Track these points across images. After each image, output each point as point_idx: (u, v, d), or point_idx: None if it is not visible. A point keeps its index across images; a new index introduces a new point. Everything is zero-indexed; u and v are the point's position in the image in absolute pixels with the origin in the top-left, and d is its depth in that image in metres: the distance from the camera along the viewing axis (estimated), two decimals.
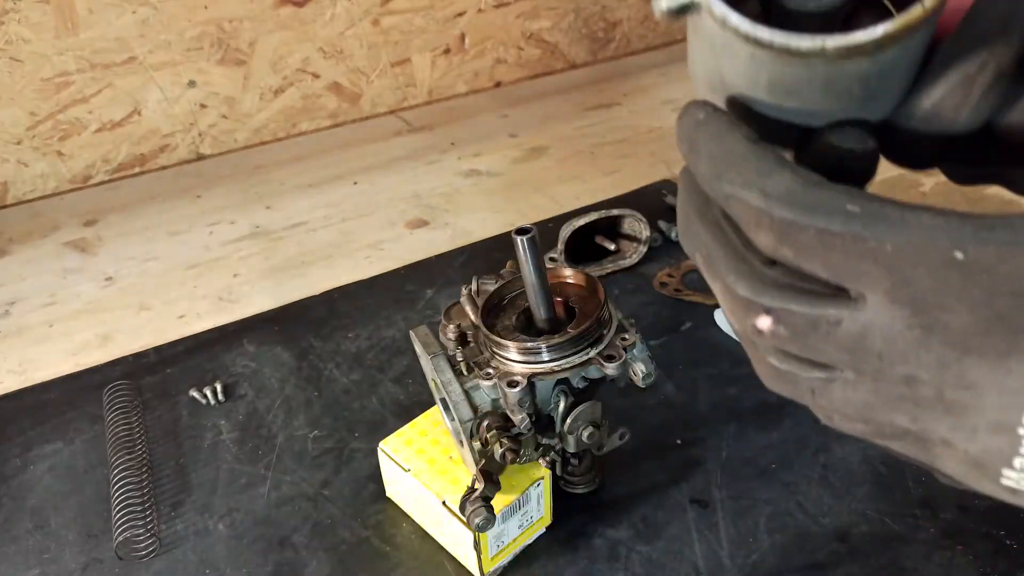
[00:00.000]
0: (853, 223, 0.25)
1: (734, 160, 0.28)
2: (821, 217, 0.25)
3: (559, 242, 0.96)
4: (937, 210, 0.25)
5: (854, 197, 0.26)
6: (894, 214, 0.25)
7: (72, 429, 0.79)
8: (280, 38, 1.31)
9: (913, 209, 0.25)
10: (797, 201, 0.26)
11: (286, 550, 0.66)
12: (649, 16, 1.65)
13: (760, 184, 0.27)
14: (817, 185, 0.26)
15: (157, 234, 1.14)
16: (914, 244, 0.24)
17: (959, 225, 0.24)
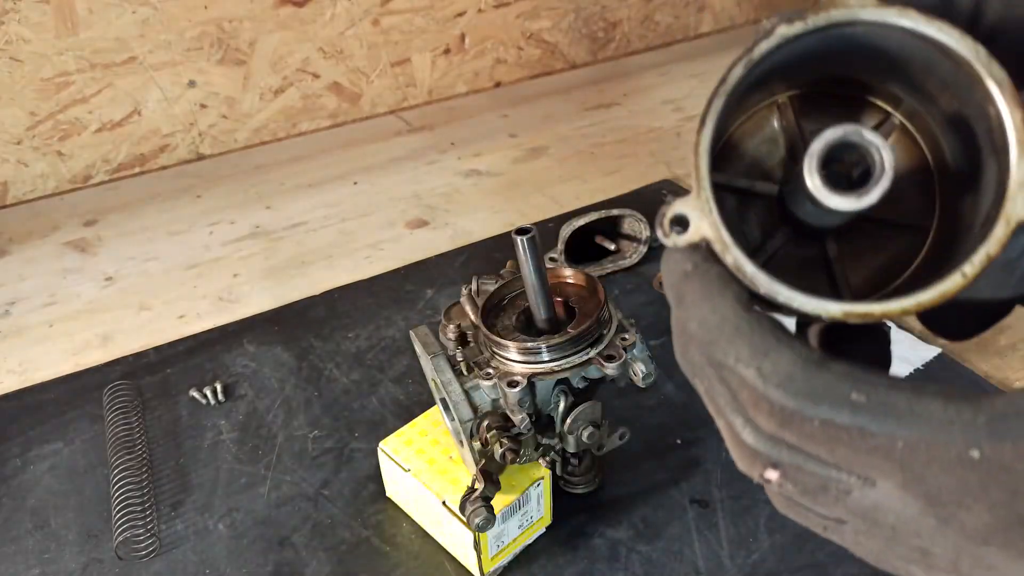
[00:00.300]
0: (860, 415, 0.23)
1: (726, 330, 0.26)
2: (825, 408, 0.23)
3: (559, 242, 0.96)
4: (948, 395, 0.23)
5: (859, 383, 0.24)
6: (903, 405, 0.23)
7: (72, 429, 0.79)
8: (280, 38, 1.31)
9: (921, 396, 0.23)
10: (798, 388, 0.24)
11: (286, 550, 0.66)
12: (649, 16, 1.65)
13: (756, 363, 0.25)
14: (818, 367, 0.24)
15: (157, 234, 1.14)
16: (926, 441, 0.23)
17: (972, 417, 0.22)
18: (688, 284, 0.27)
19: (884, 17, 0.26)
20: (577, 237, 0.97)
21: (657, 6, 1.64)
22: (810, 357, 0.24)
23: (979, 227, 0.27)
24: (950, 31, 0.26)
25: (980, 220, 0.28)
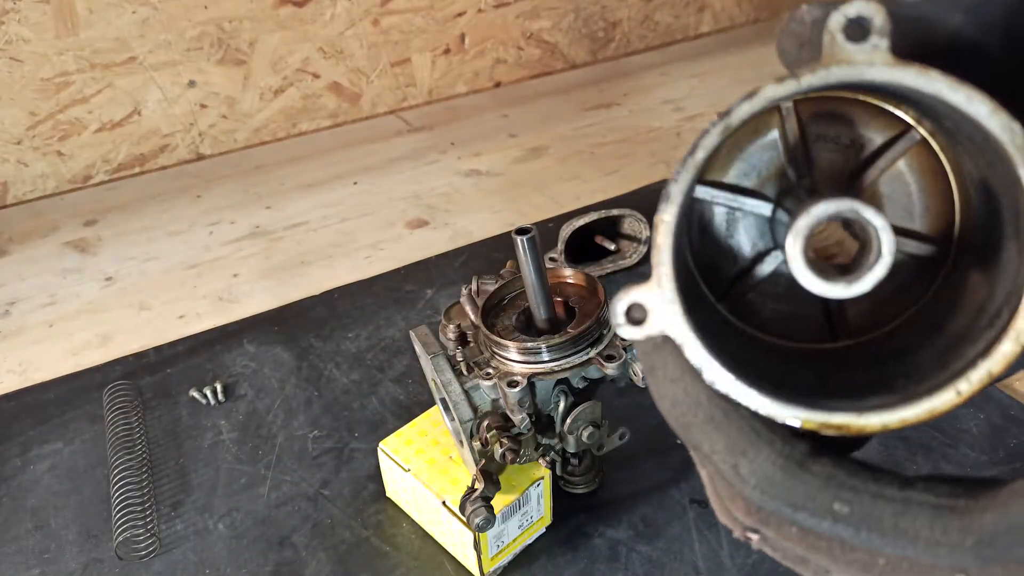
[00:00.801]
0: (841, 527, 0.22)
1: (700, 417, 0.24)
2: (805, 516, 0.22)
3: (559, 242, 0.96)
4: (935, 509, 0.21)
5: (843, 491, 0.22)
6: (888, 520, 0.22)
7: (72, 429, 0.79)
8: (280, 38, 1.31)
9: (908, 510, 0.22)
10: (777, 493, 0.23)
11: (286, 550, 0.66)
12: (649, 16, 1.65)
13: (732, 461, 0.23)
14: (799, 469, 0.23)
15: (157, 234, 1.14)
16: (910, 561, 0.22)
17: (960, 538, 0.21)
18: (659, 355, 0.25)
19: (899, 79, 0.21)
20: (577, 237, 0.97)
21: (657, 6, 1.64)
22: (791, 457, 0.23)
23: (987, 323, 0.23)
24: (981, 102, 0.21)
25: (991, 310, 0.24)
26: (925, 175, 0.28)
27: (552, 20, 1.54)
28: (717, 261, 0.30)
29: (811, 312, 0.29)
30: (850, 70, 0.22)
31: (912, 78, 0.21)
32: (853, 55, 0.22)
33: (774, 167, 0.29)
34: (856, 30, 0.21)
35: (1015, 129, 0.21)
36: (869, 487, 0.22)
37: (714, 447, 0.24)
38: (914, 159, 0.28)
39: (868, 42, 0.21)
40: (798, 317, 0.29)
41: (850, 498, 0.22)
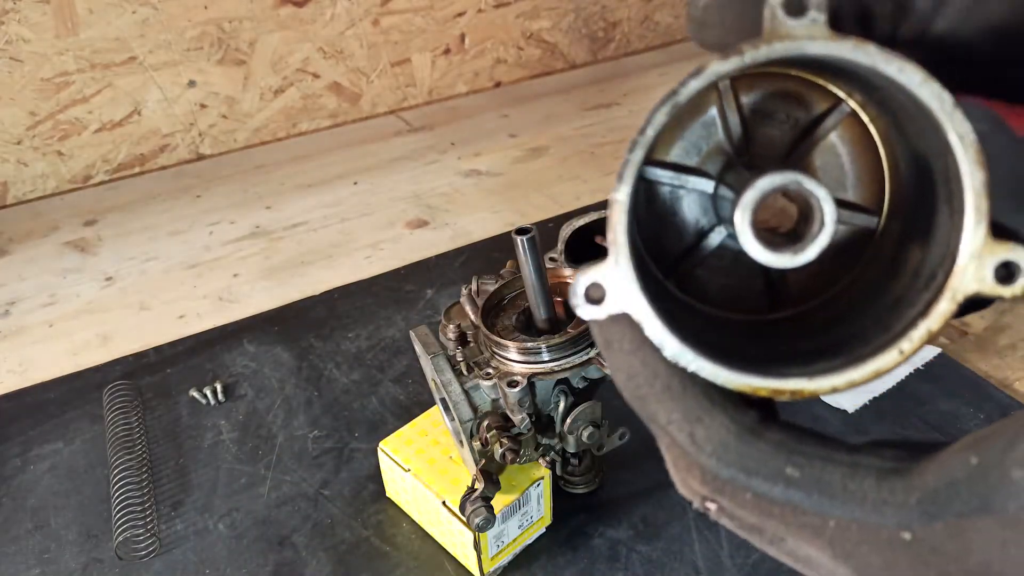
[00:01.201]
0: (793, 491, 0.23)
1: (657, 388, 0.24)
2: (758, 481, 0.23)
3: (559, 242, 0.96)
4: (883, 471, 0.22)
5: (794, 455, 0.23)
6: (837, 482, 0.22)
7: (72, 429, 0.79)
8: (280, 38, 1.31)
9: (856, 473, 0.22)
10: (731, 459, 0.23)
11: (286, 550, 0.66)
12: (649, 16, 1.65)
13: (688, 429, 0.24)
14: (753, 436, 0.23)
15: (157, 234, 1.14)
16: (858, 522, 0.22)
17: (904, 497, 0.22)
18: (615, 329, 0.25)
19: (837, 51, 0.22)
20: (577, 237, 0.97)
21: (657, 6, 1.64)
22: (744, 424, 0.24)
23: (923, 284, 0.24)
24: (913, 72, 0.22)
25: (926, 272, 0.25)
26: (856, 146, 0.29)
27: (552, 20, 1.54)
28: (663, 239, 0.30)
29: (754, 284, 0.30)
30: (792, 44, 0.22)
31: (849, 51, 0.22)
32: (793, 30, 0.22)
33: (714, 144, 0.29)
34: (795, 5, 0.22)
35: (944, 97, 0.22)
36: (819, 451, 0.23)
37: (671, 416, 0.24)
38: (845, 131, 0.29)
39: (807, 17, 0.22)
40: (743, 289, 0.30)
41: (801, 462, 0.23)
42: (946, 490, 0.21)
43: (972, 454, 0.22)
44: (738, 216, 0.23)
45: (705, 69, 0.23)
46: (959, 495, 0.21)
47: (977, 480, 0.21)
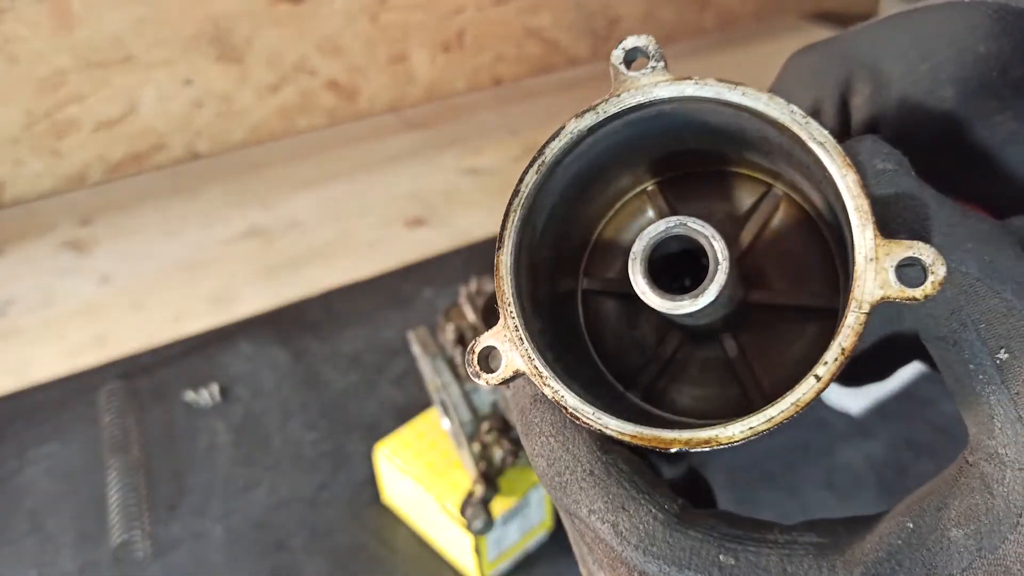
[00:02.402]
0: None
1: (579, 474, 0.23)
2: (691, 574, 0.22)
3: None
4: (818, 548, 0.21)
5: (727, 541, 0.22)
6: (776, 566, 0.21)
7: (68, 431, 0.79)
8: (277, 35, 1.30)
9: (794, 553, 0.21)
10: (659, 551, 0.22)
11: (283, 554, 0.65)
12: (651, 13, 1.64)
13: (612, 519, 0.22)
14: (682, 524, 0.22)
15: (153, 234, 1.13)
16: None
17: (846, 574, 0.21)
18: (536, 411, 0.24)
19: (681, 91, 0.23)
20: None
21: (659, 3, 1.63)
22: (672, 511, 0.22)
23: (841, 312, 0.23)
24: (756, 96, 0.22)
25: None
26: (799, 229, 0.28)
27: (553, 17, 1.53)
28: (623, 353, 0.29)
29: (723, 390, 0.28)
30: (640, 94, 0.23)
31: (692, 89, 0.23)
32: (638, 80, 0.24)
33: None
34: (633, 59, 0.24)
35: (794, 110, 0.22)
36: (752, 535, 0.22)
37: (593, 505, 0.23)
38: (786, 217, 0.28)
39: (647, 67, 0.23)
40: (716, 399, 0.29)
41: (735, 548, 0.22)
42: (888, 560, 0.21)
43: (907, 519, 0.21)
44: (632, 271, 0.23)
45: (564, 128, 0.24)
46: (902, 565, 0.21)
47: (916, 546, 0.21)
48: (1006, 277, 0.20)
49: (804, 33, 1.71)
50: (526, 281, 0.25)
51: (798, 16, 1.82)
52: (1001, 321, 0.19)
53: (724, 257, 0.22)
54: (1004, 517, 0.20)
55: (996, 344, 0.20)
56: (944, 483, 0.22)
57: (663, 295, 0.23)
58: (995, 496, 0.20)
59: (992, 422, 0.20)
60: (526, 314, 0.24)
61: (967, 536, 0.20)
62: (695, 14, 1.70)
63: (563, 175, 0.26)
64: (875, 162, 0.21)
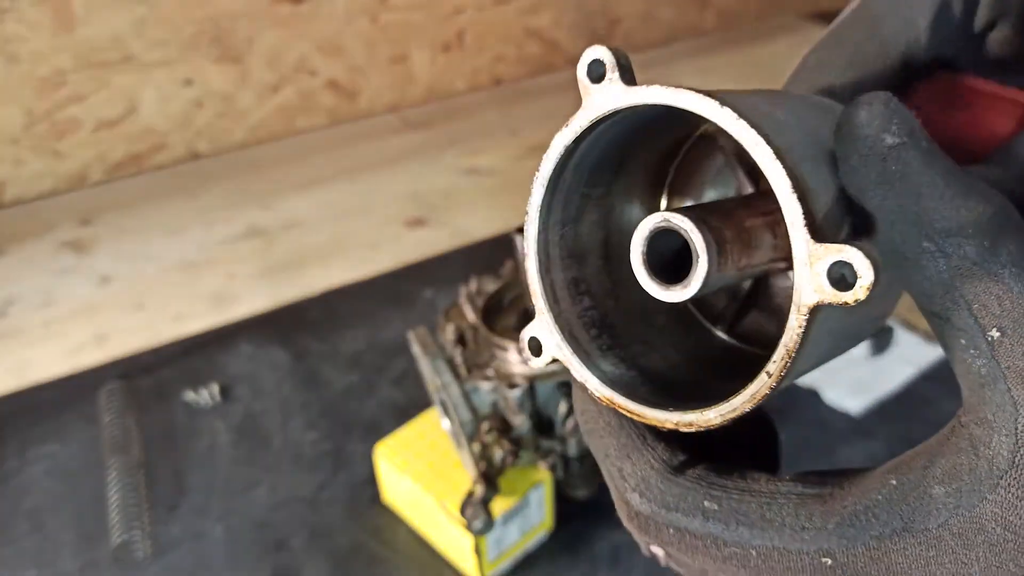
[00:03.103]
0: (712, 523, 0.23)
1: (600, 423, 0.26)
2: (678, 516, 0.24)
3: None
4: (802, 497, 0.23)
5: (712, 488, 0.24)
6: (755, 513, 0.23)
7: (68, 430, 0.79)
8: (277, 35, 1.30)
9: (774, 502, 0.23)
10: (652, 495, 0.24)
11: (283, 553, 0.65)
12: (651, 12, 1.64)
13: (619, 464, 0.25)
14: (674, 473, 0.24)
15: (153, 234, 1.13)
16: (779, 550, 0.23)
17: (822, 522, 0.22)
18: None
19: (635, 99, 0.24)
20: None
21: (659, 3, 1.63)
22: (670, 461, 0.24)
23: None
24: (689, 96, 0.22)
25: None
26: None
27: (553, 16, 1.53)
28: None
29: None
30: (601, 103, 0.25)
31: (643, 96, 0.24)
32: (600, 91, 0.25)
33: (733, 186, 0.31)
34: (596, 72, 0.25)
35: (725, 111, 0.22)
36: (738, 484, 0.24)
37: (607, 450, 0.26)
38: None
39: (606, 79, 0.25)
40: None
41: (719, 495, 0.23)
42: (865, 513, 0.21)
43: (891, 476, 0.22)
44: (632, 259, 0.24)
45: (551, 146, 0.26)
46: (878, 517, 0.21)
47: (897, 501, 0.21)
48: (1005, 261, 0.20)
49: (804, 33, 1.71)
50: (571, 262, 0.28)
51: (798, 16, 1.82)
52: (995, 303, 0.20)
53: (703, 250, 0.23)
54: (986, 478, 0.20)
55: (989, 323, 0.20)
56: (936, 442, 0.22)
57: (660, 284, 0.24)
58: (980, 457, 0.20)
59: (983, 390, 0.21)
60: (562, 304, 0.27)
61: (947, 494, 0.21)
62: (695, 14, 1.70)
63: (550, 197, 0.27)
64: (884, 137, 0.21)
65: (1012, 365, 0.19)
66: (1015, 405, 0.19)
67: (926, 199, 0.20)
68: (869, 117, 0.21)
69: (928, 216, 0.20)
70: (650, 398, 0.25)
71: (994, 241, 0.20)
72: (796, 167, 0.21)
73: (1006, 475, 0.20)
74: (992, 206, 0.20)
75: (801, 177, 0.21)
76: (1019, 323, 0.19)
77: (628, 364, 0.27)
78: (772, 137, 0.21)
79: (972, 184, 0.21)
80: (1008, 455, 0.20)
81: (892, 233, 0.21)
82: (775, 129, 0.22)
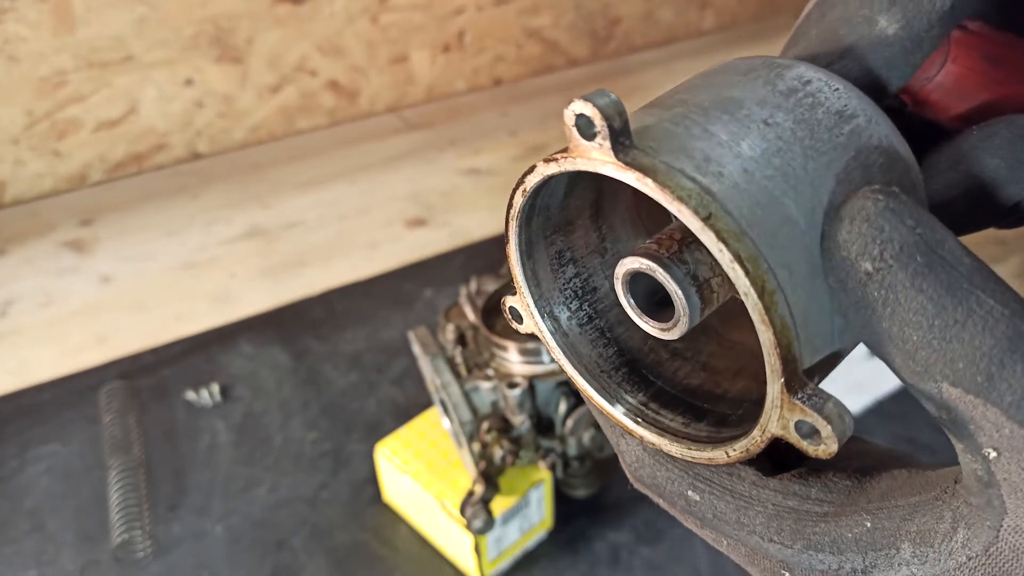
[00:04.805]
0: (694, 511, 0.25)
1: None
2: (665, 496, 0.25)
3: None
4: (775, 509, 0.23)
5: (697, 480, 0.24)
6: (731, 515, 0.24)
7: (69, 430, 0.79)
8: (278, 36, 1.30)
9: (750, 507, 0.23)
10: (645, 473, 0.26)
11: (283, 553, 0.65)
12: (650, 13, 1.64)
13: (615, 440, 0.27)
14: (665, 457, 0.25)
15: (154, 234, 1.13)
16: (749, 550, 0.24)
17: (790, 541, 0.22)
18: None
19: (623, 179, 0.21)
20: None
21: (659, 3, 1.64)
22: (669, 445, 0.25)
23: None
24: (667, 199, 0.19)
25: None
26: None
27: (552, 17, 1.53)
28: None
29: None
30: (588, 163, 0.22)
31: (609, 171, 0.21)
32: (588, 151, 0.22)
33: None
34: (585, 127, 0.22)
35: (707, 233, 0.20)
36: (723, 480, 0.24)
37: (605, 427, 0.28)
38: None
39: (595, 140, 0.22)
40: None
41: (703, 488, 0.24)
42: (831, 546, 0.22)
43: (868, 518, 0.21)
44: (617, 288, 0.24)
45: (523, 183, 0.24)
46: (843, 554, 0.22)
47: (865, 545, 0.21)
48: (1004, 392, 0.18)
49: None
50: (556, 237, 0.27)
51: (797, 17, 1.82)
52: (992, 429, 0.19)
53: (686, 313, 0.22)
54: (955, 554, 0.20)
55: (986, 443, 0.19)
56: (924, 495, 0.21)
57: (648, 321, 0.24)
58: (956, 534, 0.20)
59: (978, 484, 0.20)
60: (543, 285, 0.27)
61: (914, 555, 0.21)
62: (695, 14, 1.70)
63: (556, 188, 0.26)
64: (862, 263, 0.19)
65: (1007, 479, 0.19)
66: (1004, 509, 0.19)
67: (913, 329, 0.18)
68: (848, 238, 0.19)
69: (914, 348, 0.19)
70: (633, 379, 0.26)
71: (991, 376, 0.18)
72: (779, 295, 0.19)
73: (975, 559, 0.20)
74: (993, 336, 0.18)
75: (783, 316, 0.19)
76: (1016, 449, 0.19)
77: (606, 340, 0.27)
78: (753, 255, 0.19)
79: (977, 303, 0.18)
80: (984, 544, 0.20)
81: (880, 353, 0.20)
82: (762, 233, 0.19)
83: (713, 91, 0.23)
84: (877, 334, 0.19)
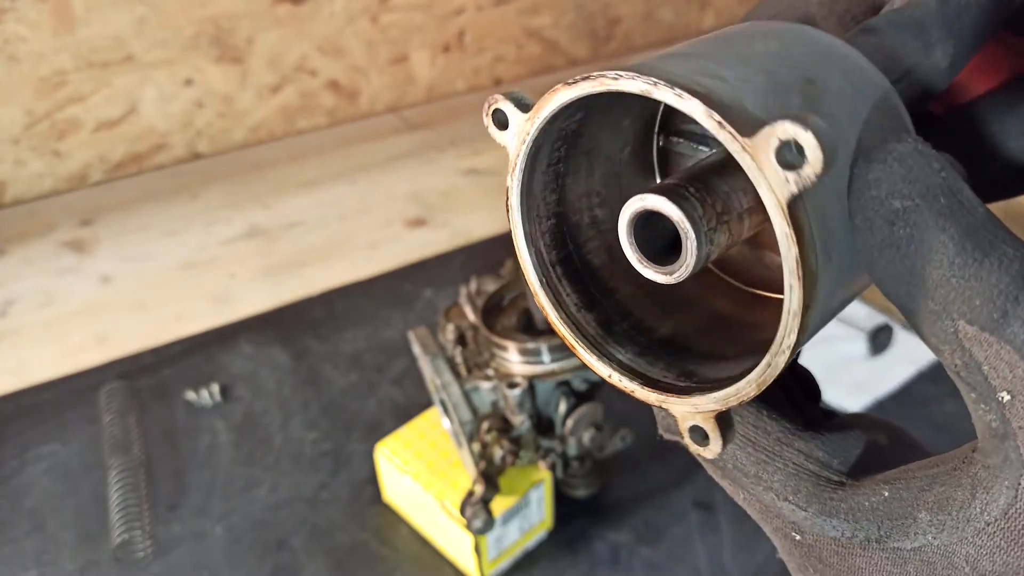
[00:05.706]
0: (716, 459, 0.25)
1: None
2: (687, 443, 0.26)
3: None
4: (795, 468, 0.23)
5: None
6: (750, 468, 0.24)
7: (69, 430, 0.79)
8: (278, 36, 1.30)
9: (771, 462, 0.24)
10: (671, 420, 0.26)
11: (284, 553, 0.65)
12: (650, 13, 1.64)
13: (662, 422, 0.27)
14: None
15: (154, 234, 1.13)
16: (763, 506, 0.24)
17: (805, 503, 0.23)
18: None
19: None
20: None
21: (659, 3, 1.64)
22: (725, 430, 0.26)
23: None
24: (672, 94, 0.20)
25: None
26: None
27: (552, 17, 1.53)
28: None
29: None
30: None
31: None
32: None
33: None
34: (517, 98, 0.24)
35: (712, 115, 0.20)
36: (747, 431, 0.24)
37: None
38: None
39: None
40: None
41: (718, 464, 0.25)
42: (847, 513, 0.22)
43: (885, 487, 0.22)
44: (620, 231, 0.23)
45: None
46: (858, 521, 0.22)
47: (882, 513, 0.22)
48: (1017, 330, 0.19)
49: None
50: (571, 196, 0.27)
51: None
52: (1006, 368, 0.19)
53: (693, 254, 0.22)
54: (974, 520, 0.20)
55: (1000, 385, 0.19)
56: (942, 467, 0.22)
57: (649, 265, 0.23)
58: (975, 499, 0.20)
59: (994, 440, 0.20)
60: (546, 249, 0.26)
61: (931, 523, 0.21)
62: (695, 14, 1.70)
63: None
64: (892, 201, 0.20)
65: (1023, 427, 0.19)
66: (1022, 464, 0.19)
67: (934, 267, 0.20)
68: (882, 176, 0.20)
69: (934, 285, 0.20)
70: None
71: (1005, 312, 0.19)
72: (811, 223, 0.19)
73: (994, 523, 0.20)
74: (1008, 274, 0.19)
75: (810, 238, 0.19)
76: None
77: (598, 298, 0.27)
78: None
79: (992, 245, 0.19)
80: (1003, 506, 0.20)
81: (899, 294, 0.20)
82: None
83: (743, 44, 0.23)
84: (899, 274, 0.20)
